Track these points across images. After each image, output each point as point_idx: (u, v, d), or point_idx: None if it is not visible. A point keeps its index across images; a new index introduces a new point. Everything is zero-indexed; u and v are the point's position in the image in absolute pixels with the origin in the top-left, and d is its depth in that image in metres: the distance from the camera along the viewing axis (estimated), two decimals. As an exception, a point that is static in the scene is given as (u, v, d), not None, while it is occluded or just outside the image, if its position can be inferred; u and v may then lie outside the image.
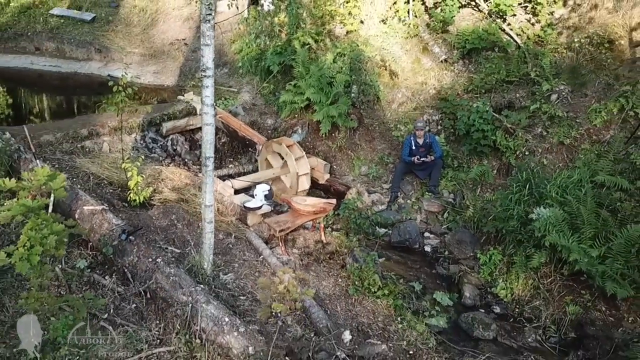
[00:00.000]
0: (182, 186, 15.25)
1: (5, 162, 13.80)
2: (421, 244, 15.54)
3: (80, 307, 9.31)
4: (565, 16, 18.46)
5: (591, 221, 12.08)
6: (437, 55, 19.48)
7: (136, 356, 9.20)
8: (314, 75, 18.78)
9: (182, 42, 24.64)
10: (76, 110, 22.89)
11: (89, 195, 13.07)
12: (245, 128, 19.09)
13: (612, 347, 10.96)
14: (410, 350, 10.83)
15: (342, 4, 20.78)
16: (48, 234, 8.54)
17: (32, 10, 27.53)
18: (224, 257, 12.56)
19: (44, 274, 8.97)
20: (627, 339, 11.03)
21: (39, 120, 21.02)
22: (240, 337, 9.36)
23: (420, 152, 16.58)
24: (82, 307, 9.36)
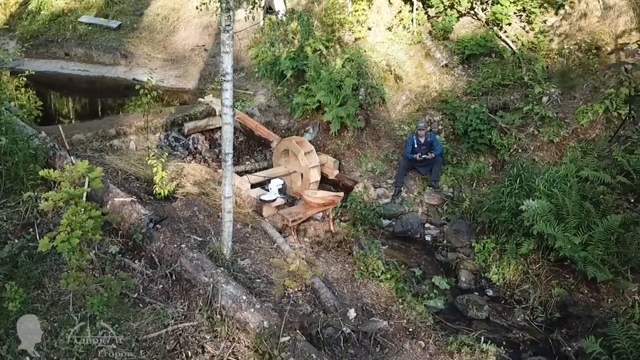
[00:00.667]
0: (202, 181, 15.61)
1: (41, 159, 14.12)
2: (422, 234, 15.98)
3: (115, 286, 9.87)
4: (557, 24, 18.76)
5: (575, 212, 12.50)
6: (438, 60, 19.75)
7: (163, 330, 9.69)
8: (324, 79, 18.99)
9: (202, 48, 24.72)
10: (103, 111, 23.17)
11: (119, 188, 13.56)
12: (261, 128, 19.44)
13: (592, 325, 11.39)
14: (410, 327, 11.28)
15: (350, 12, 21.10)
16: (86, 218, 9.20)
17: (62, 18, 27.81)
18: (242, 245, 12.99)
19: (83, 256, 9.62)
20: (606, 317, 11.45)
21: (68, 121, 21.29)
22: (256, 313, 9.87)
23: (422, 150, 16.87)
24: (116, 286, 9.93)
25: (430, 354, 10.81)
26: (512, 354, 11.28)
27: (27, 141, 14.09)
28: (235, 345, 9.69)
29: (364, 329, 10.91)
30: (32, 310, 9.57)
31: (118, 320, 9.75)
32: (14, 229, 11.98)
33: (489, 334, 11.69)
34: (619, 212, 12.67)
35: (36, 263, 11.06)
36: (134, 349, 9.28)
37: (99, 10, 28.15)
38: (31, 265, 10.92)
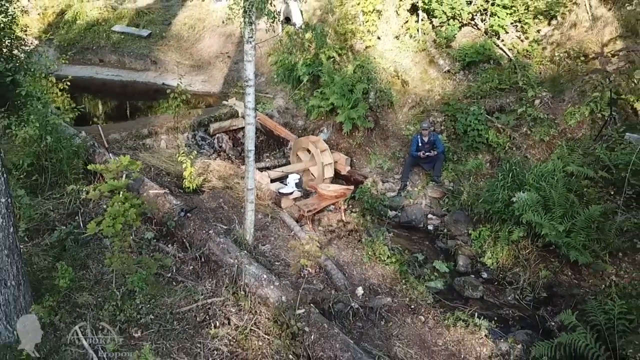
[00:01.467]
0: (227, 176, 16.13)
1: (83, 155, 14.64)
2: (425, 223, 16.42)
3: (151, 265, 10.60)
4: (550, 33, 18.94)
5: (561, 203, 12.96)
6: (441, 66, 19.93)
7: (194, 304, 10.38)
8: (337, 83, 19.22)
9: (226, 55, 24.79)
10: (135, 113, 23.50)
11: (152, 182, 14.23)
12: (280, 128, 19.88)
13: (574, 302, 11.90)
14: (412, 305, 11.91)
15: (361, 23, 21.19)
16: (129, 206, 9.99)
17: (96, 27, 28.16)
18: (262, 232, 13.57)
19: (124, 239, 10.36)
20: (586, 296, 12.01)
21: (102, 122, 21.36)
22: (275, 289, 10.62)
23: (426, 148, 17.11)
24: (153, 265, 10.64)
25: (429, 327, 11.38)
26: (502, 328, 11.80)
27: (69, 140, 14.52)
28: (257, 317, 10.31)
29: (370, 304, 11.54)
30: (79, 288, 10.21)
31: (154, 296, 10.38)
32: (60, 218, 12.53)
33: (483, 311, 12.22)
34: (600, 203, 13.15)
35: (81, 247, 11.64)
36: (169, 321, 9.91)
37: (130, 19, 28.43)
38: (77, 249, 11.52)
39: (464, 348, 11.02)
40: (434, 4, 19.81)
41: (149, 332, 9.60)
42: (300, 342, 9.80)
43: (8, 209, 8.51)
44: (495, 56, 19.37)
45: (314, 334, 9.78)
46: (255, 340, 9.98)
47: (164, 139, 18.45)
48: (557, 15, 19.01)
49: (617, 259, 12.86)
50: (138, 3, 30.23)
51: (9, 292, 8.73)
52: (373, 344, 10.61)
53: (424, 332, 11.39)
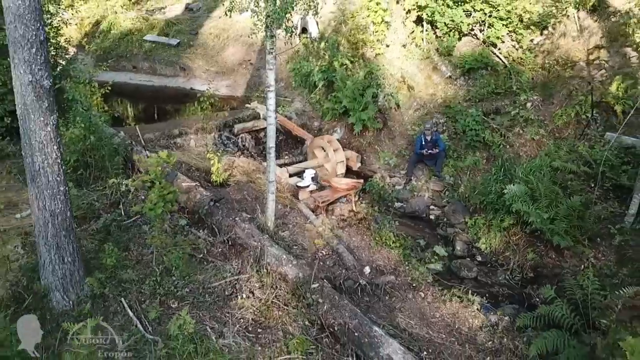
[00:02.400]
0: (250, 171, 16.69)
1: (122, 153, 15.38)
2: (427, 213, 17.08)
3: (186, 245, 11.51)
4: (541, 42, 19.31)
5: (546, 194, 13.69)
6: (443, 73, 20.31)
7: (223, 280, 11.24)
8: (349, 88, 19.71)
9: (248, 62, 25.10)
10: (166, 115, 23.77)
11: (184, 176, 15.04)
12: (297, 128, 20.37)
13: (556, 281, 12.62)
14: (413, 283, 12.73)
15: (372, 33, 21.55)
16: (167, 193, 10.90)
17: (129, 36, 28.31)
18: (282, 220, 14.21)
19: (164, 221, 11.27)
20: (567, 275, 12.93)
21: (134, 123, 21.47)
22: (293, 267, 11.45)
23: (428, 146, 17.58)
24: (187, 245, 11.57)
25: (428, 302, 12.19)
26: (493, 304, 12.64)
27: (109, 139, 15.21)
28: (277, 291, 11.15)
29: (376, 281, 12.33)
30: (123, 266, 11.02)
31: (188, 273, 11.19)
32: (104, 207, 13.23)
33: (476, 289, 13.06)
34: (581, 194, 13.92)
35: (123, 232, 12.39)
36: (201, 294, 10.77)
37: (160, 30, 28.62)
38: (120, 233, 12.27)
39: (458, 320, 11.76)
40: (436, 17, 20.10)
41: (184, 303, 10.38)
42: (315, 311, 10.64)
43: (66, 196, 9.41)
44: (492, 63, 19.74)
45: (326, 304, 10.60)
46: (276, 310, 10.80)
47: (193, 139, 18.97)
48: (548, 26, 19.36)
49: (595, 243, 13.57)
50: (167, 14, 30.51)
51: (66, 267, 9.61)
52: (378, 315, 11.35)
53: (423, 306, 12.13)
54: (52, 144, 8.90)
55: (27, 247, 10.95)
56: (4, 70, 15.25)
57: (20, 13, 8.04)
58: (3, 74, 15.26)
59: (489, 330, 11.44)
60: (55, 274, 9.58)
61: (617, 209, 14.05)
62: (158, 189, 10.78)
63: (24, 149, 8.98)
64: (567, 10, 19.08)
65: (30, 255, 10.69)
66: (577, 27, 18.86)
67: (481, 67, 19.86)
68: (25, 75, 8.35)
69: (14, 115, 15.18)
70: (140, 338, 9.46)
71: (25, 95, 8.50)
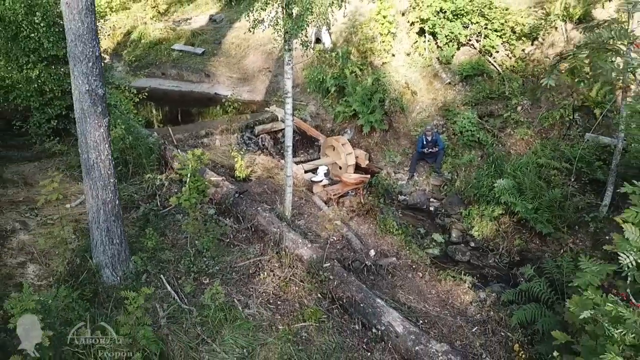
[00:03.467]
0: (269, 168, 17.64)
1: (156, 151, 16.29)
2: (427, 205, 17.81)
3: (216, 230, 12.50)
4: (532, 52, 19.81)
5: (532, 187, 14.61)
6: (443, 79, 20.76)
7: (247, 261, 12.24)
8: (358, 93, 20.43)
9: (267, 70, 25.55)
10: (193, 117, 24.34)
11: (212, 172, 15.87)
12: (312, 129, 21.03)
13: (538, 263, 13.40)
14: (413, 265, 13.60)
15: (379, 43, 22.19)
16: (199, 185, 11.95)
17: (158, 46, 28.97)
18: (298, 211, 15.15)
19: (197, 210, 12.28)
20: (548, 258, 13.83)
21: (162, 125, 22.25)
22: (308, 249, 12.35)
23: (429, 145, 18.23)
24: (217, 230, 12.55)
25: (426, 281, 13.05)
26: (482, 282, 13.52)
27: (145, 139, 16.17)
28: (294, 270, 12.10)
29: (380, 262, 13.17)
30: (160, 249, 12.11)
31: (217, 254, 12.24)
32: (142, 198, 14.30)
33: (468, 270, 13.92)
34: (562, 188, 14.82)
35: (160, 220, 13.43)
36: (229, 272, 11.82)
37: (187, 39, 29.21)
38: (157, 221, 13.28)
39: (452, 296, 12.62)
40: (437, 29, 20.63)
41: (214, 279, 11.37)
42: (326, 286, 11.61)
43: (115, 187, 10.48)
44: (488, 71, 20.18)
45: (336, 280, 11.57)
46: (293, 285, 11.79)
47: (218, 139, 19.73)
48: (538, 37, 19.87)
49: (574, 231, 14.46)
50: (192, 25, 31.04)
51: (114, 247, 10.68)
52: (381, 291, 12.20)
53: (421, 284, 12.99)
54: (104, 143, 9.97)
55: (78, 232, 11.91)
56: (51, 79, 16.28)
57: (80, 33, 9.11)
58: (51, 82, 16.29)
59: (478, 305, 12.20)
60: (105, 254, 10.65)
61: (593, 200, 14.83)
62: (192, 182, 11.85)
63: (81, 147, 10.03)
64: (555, 22, 19.62)
65: (81, 239, 11.70)
66: (564, 38, 19.41)
67: (477, 74, 20.34)
68: (83, 85, 9.41)
69: (60, 118, 16.30)
70: (178, 308, 10.53)
71: (82, 102, 9.56)
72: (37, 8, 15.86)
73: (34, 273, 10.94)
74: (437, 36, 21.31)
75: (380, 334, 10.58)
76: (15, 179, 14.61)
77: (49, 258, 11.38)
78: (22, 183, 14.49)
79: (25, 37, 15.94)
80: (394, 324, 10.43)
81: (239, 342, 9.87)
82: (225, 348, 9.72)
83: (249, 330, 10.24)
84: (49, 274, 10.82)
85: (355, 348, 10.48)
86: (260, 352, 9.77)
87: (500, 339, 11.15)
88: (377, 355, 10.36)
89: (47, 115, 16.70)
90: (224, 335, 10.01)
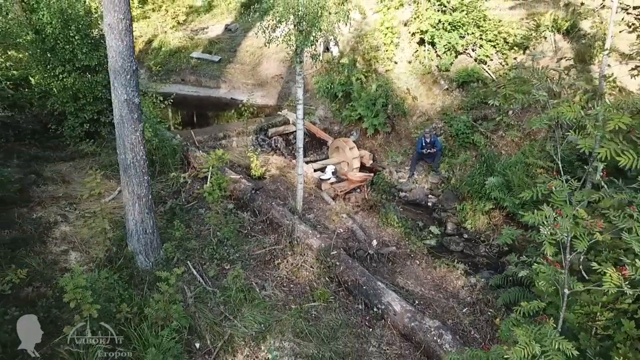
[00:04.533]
0: (282, 167, 18.43)
1: (180, 151, 17.16)
2: (426, 201, 18.56)
3: (235, 223, 13.50)
4: (523, 60, 20.57)
5: (520, 184, 15.31)
6: (442, 86, 21.56)
7: (263, 250, 13.16)
8: (363, 98, 21.33)
9: (279, 77, 26.43)
10: (211, 121, 25.23)
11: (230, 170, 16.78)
12: (320, 132, 21.89)
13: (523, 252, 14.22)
14: (411, 254, 14.42)
15: (383, 52, 23.08)
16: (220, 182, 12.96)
17: (178, 53, 29.89)
18: (308, 205, 16.01)
19: (218, 204, 13.27)
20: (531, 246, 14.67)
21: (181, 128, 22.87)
22: (317, 239, 13.27)
23: (428, 146, 18.85)
24: (236, 221, 13.54)
25: (422, 268, 13.91)
26: (473, 270, 14.29)
27: (169, 141, 17.02)
28: (305, 257, 13.08)
29: (381, 251, 14.07)
30: (186, 239, 13.01)
31: (237, 244, 13.19)
32: (168, 194, 15.25)
33: (461, 259, 14.72)
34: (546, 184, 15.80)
35: (185, 214, 14.34)
36: (247, 259, 12.75)
37: (204, 47, 30.02)
38: (182, 214, 14.19)
39: (445, 281, 13.50)
40: (436, 39, 21.50)
41: (234, 265, 12.32)
42: (333, 271, 12.61)
43: (148, 184, 11.45)
44: (482, 78, 21.06)
45: (342, 266, 12.56)
46: (304, 271, 12.77)
47: (235, 140, 20.63)
48: (529, 46, 20.71)
49: (557, 223, 15.33)
50: (209, 34, 31.81)
51: (147, 237, 11.67)
52: (382, 276, 13.15)
53: (418, 271, 13.88)
54: (139, 145, 10.97)
55: (112, 224, 12.85)
56: (84, 86, 17.26)
57: (120, 50, 10.13)
58: (84, 89, 17.27)
59: (468, 289, 13.08)
60: (139, 242, 11.66)
61: (575, 196, 15.66)
62: (215, 179, 12.87)
63: (119, 149, 11.02)
64: (544, 33, 20.47)
65: (116, 230, 12.66)
66: (553, 47, 20.26)
67: (473, 81, 21.13)
68: (122, 94, 10.43)
69: (91, 122, 17.24)
70: (203, 289, 11.52)
71: (121, 109, 10.58)
72: (71, 22, 16.91)
73: (75, 259, 11.89)
74: (436, 46, 22.09)
75: (381, 312, 11.59)
76: (54, 177, 15.52)
77: (88, 246, 12.35)
78: (61, 181, 15.40)
79: (61, 48, 16.97)
80: (392, 304, 11.42)
81: (257, 319, 10.84)
82: (245, 323, 10.70)
83: (266, 309, 11.24)
84: (90, 260, 11.78)
85: (358, 324, 11.47)
86: (275, 327, 10.75)
87: (487, 318, 12.03)
88: (378, 330, 11.36)
89: (81, 119, 17.65)
90: (243, 312, 10.99)
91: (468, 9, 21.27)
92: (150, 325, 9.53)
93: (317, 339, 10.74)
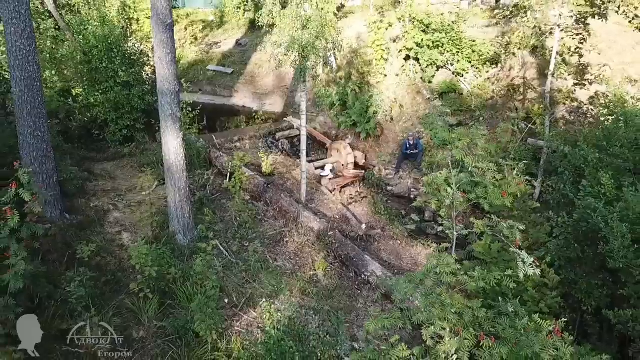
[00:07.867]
0: (288, 166, 20.58)
1: (203, 153, 19.32)
2: (409, 194, 20.39)
3: (252, 210, 15.87)
4: (495, 74, 22.72)
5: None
6: (425, 95, 23.57)
7: (275, 231, 15.69)
8: (357, 107, 23.23)
9: (285, 87, 28.05)
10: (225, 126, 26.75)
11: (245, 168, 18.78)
12: (320, 136, 23.76)
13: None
14: (394, 236, 16.92)
15: (374, 66, 24.83)
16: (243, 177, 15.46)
17: (195, 66, 31.69)
18: (310, 197, 18.22)
19: (240, 195, 15.69)
20: None
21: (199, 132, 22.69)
22: (317, 223, 15.76)
23: (411, 148, 20.59)
24: (253, 210, 15.94)
25: (402, 247, 16.47)
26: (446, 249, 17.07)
27: (195, 144, 19.23)
28: (308, 237, 15.60)
29: (369, 233, 16.60)
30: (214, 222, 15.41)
31: (254, 226, 15.62)
32: (196, 188, 17.33)
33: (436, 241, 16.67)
34: None
35: (210, 203, 16.60)
36: (262, 239, 15.20)
37: (218, 61, 31.77)
38: (209, 204, 16.42)
39: (420, 257, 16.08)
40: (420, 55, 23.59)
41: (253, 243, 14.81)
42: (330, 248, 15.19)
43: (186, 179, 13.88)
44: (459, 89, 23.08)
45: (337, 243, 15.20)
46: (307, 248, 15.36)
47: (247, 143, 22.70)
48: (500, 62, 22.80)
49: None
50: (222, 48, 33.57)
51: (185, 220, 14.14)
52: (370, 253, 15.64)
53: (399, 249, 16.40)
54: (180, 149, 13.43)
55: (154, 210, 15.36)
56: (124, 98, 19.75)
57: (167, 77, 12.71)
58: (123, 101, 19.77)
59: None
60: (179, 223, 14.14)
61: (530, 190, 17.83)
62: (237, 174, 15.39)
63: (164, 152, 13.48)
64: (514, 50, 22.34)
65: (154, 217, 15.07)
66: (521, 62, 22.29)
67: (451, 92, 23.15)
68: (168, 110, 12.94)
69: (129, 128, 19.61)
70: (229, 261, 14.09)
71: (166, 122, 13.08)
72: (114, 45, 19.49)
73: (127, 238, 14.42)
74: (420, 61, 24.10)
75: (367, 278, 14.26)
76: (103, 174, 18.00)
77: (137, 228, 14.86)
78: (108, 177, 17.86)
79: (105, 67, 19.52)
80: (376, 271, 14.11)
81: (271, 282, 13.50)
82: (262, 286, 13.36)
83: (278, 276, 13.86)
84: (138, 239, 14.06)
85: (350, 287, 14.24)
86: (285, 288, 13.39)
87: (451, 284, 14.57)
88: (365, 292, 14.09)
89: (120, 126, 20.20)
90: (261, 278, 13.62)
91: (446, 30, 23.22)
92: (193, 284, 12.04)
93: (318, 297, 13.37)
